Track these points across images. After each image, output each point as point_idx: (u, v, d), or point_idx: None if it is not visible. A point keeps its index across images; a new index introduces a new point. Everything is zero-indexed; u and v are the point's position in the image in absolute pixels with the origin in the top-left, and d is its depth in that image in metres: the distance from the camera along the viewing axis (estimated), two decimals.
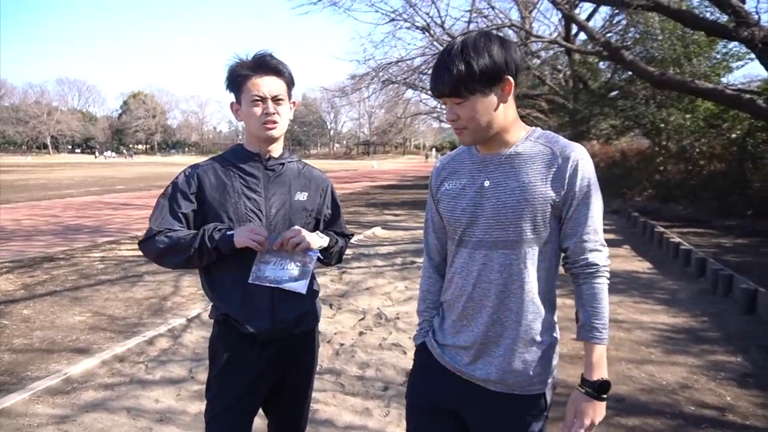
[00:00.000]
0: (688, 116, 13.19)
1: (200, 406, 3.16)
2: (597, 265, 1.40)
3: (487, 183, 1.41)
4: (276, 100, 1.74)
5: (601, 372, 1.38)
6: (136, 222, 11.38)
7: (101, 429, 2.93)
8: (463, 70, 1.29)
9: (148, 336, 4.28)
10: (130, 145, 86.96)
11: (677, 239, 8.00)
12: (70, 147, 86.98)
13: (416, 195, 19.66)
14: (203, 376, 3.58)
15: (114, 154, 76.71)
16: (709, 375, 3.69)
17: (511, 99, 1.38)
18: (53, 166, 41.97)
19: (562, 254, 1.45)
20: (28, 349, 4.12)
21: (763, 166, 10.44)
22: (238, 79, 1.74)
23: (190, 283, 6.04)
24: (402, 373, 3.67)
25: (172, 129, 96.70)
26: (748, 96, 9.58)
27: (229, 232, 1.67)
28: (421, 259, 7.44)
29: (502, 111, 1.37)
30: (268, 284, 1.70)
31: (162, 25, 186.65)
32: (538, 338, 1.43)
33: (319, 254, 1.81)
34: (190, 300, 5.43)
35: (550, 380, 1.47)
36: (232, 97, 1.81)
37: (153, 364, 3.80)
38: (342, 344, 4.21)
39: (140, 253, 1.80)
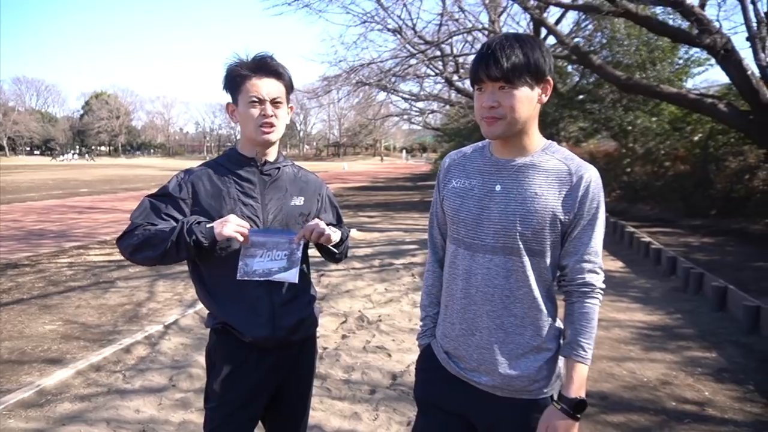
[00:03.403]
0: (653, 119, 13.60)
1: (184, 416, 3.09)
2: (593, 285, 1.41)
3: (498, 187, 1.41)
4: (274, 102, 1.70)
5: (579, 391, 1.38)
6: (103, 226, 11.03)
7: None
8: (521, 58, 1.31)
9: (124, 344, 4.15)
10: (92, 147, 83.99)
11: (648, 239, 8.23)
12: (28, 149, 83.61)
13: (389, 197, 19.70)
14: (185, 384, 3.49)
15: (76, 156, 73.90)
16: (687, 371, 3.80)
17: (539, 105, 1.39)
18: (10, 169, 40.29)
19: (559, 271, 1.46)
20: None
21: (724, 167, 10.83)
22: (236, 79, 1.69)
23: (165, 289, 5.89)
24: (388, 376, 3.65)
25: (137, 130, 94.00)
26: (709, 100, 9.92)
27: (209, 225, 1.60)
28: (398, 261, 7.49)
29: (535, 112, 1.38)
30: (257, 278, 1.65)
31: (126, 24, 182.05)
32: (545, 345, 1.43)
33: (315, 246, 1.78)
34: (166, 306, 5.28)
35: (558, 382, 1.47)
36: (228, 98, 1.75)
37: (131, 373, 3.67)
38: (325, 348, 4.16)
39: (110, 258, 1.73)
